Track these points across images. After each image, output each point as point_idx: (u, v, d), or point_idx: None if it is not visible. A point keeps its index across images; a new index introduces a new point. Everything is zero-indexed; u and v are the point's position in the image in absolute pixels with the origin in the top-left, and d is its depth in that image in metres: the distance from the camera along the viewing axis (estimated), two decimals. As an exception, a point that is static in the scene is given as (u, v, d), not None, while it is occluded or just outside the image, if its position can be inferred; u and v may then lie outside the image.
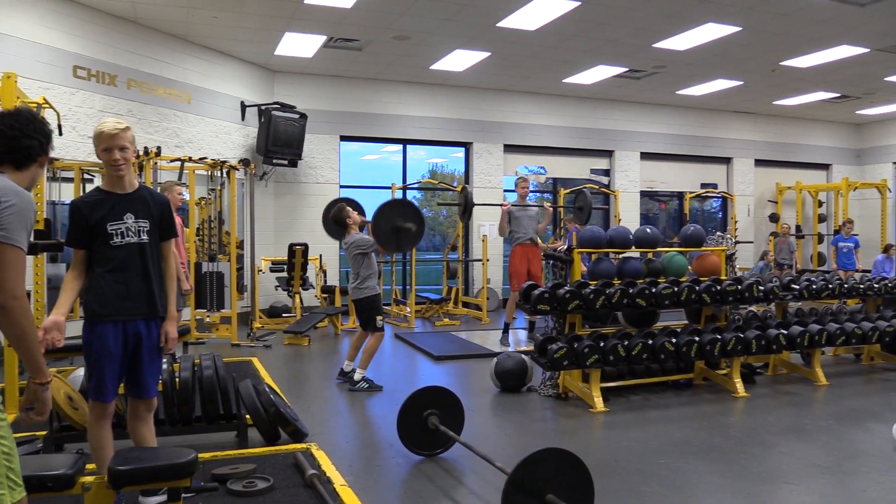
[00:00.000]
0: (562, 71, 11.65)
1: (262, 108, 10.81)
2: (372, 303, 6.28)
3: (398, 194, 12.02)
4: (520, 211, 8.46)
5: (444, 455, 4.40)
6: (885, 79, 12.09)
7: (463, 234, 12.37)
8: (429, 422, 4.32)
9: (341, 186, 12.13)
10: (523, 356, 6.30)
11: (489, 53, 10.53)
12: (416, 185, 13.16)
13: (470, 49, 10.34)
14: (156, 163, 7.99)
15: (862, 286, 7.22)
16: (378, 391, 6.19)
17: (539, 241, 8.68)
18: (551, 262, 6.40)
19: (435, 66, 11.27)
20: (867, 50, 10.24)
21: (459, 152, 13.31)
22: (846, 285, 7.10)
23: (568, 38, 9.70)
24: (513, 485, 3.00)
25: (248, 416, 4.54)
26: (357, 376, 6.23)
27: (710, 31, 9.38)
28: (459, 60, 10.90)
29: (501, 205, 8.67)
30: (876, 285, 7.28)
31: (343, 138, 12.18)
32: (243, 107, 10.83)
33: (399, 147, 12.84)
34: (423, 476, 4.10)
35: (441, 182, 13.20)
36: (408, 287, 11.46)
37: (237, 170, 8.96)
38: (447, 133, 12.82)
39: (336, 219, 6.45)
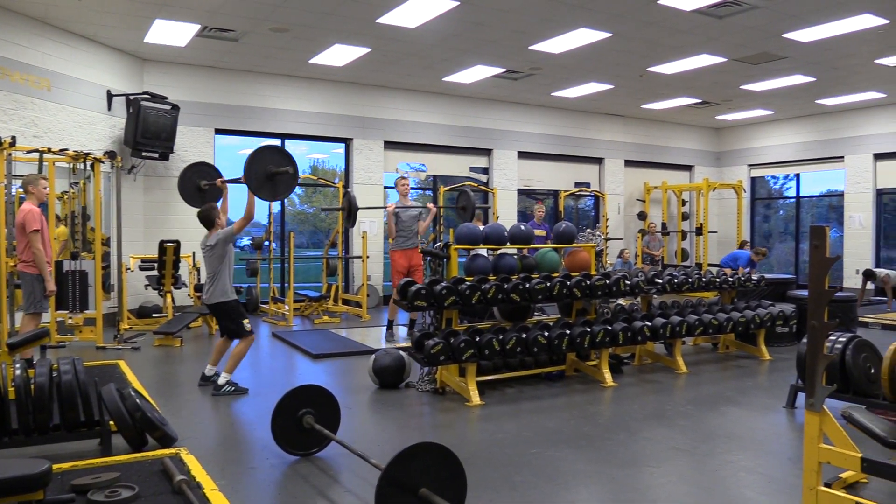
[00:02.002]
0: (442, 69, 11.76)
1: (131, 97, 10.28)
2: (235, 309, 6.06)
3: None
4: (403, 211, 8.57)
5: (320, 454, 4.37)
6: (741, 87, 12.96)
7: (343, 230, 12.27)
8: (304, 421, 4.27)
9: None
10: (401, 352, 6.34)
11: (369, 49, 10.49)
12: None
13: (350, 44, 10.26)
14: (10, 154, 7.43)
15: (718, 280, 7.74)
16: (244, 394, 6.01)
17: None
18: (429, 258, 6.46)
19: (314, 60, 11.10)
20: (725, 59, 10.94)
21: (340, 148, 13.19)
22: (704, 279, 7.58)
23: (448, 37, 9.81)
24: (386, 480, 3.01)
25: (112, 423, 4.32)
26: (221, 380, 5.99)
27: (583, 36, 9.74)
28: (339, 55, 10.79)
29: (385, 207, 8.74)
30: (730, 279, 7.82)
31: (218, 131, 11.78)
32: (110, 96, 10.26)
33: (277, 142, 12.56)
34: (298, 476, 4.05)
35: (321, 178, 13.02)
36: (286, 284, 11.25)
37: (102, 162, 8.48)
38: (327, 128, 12.66)
39: (205, 217, 6.12)
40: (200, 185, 7.75)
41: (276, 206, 11.83)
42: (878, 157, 14.85)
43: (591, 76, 12.24)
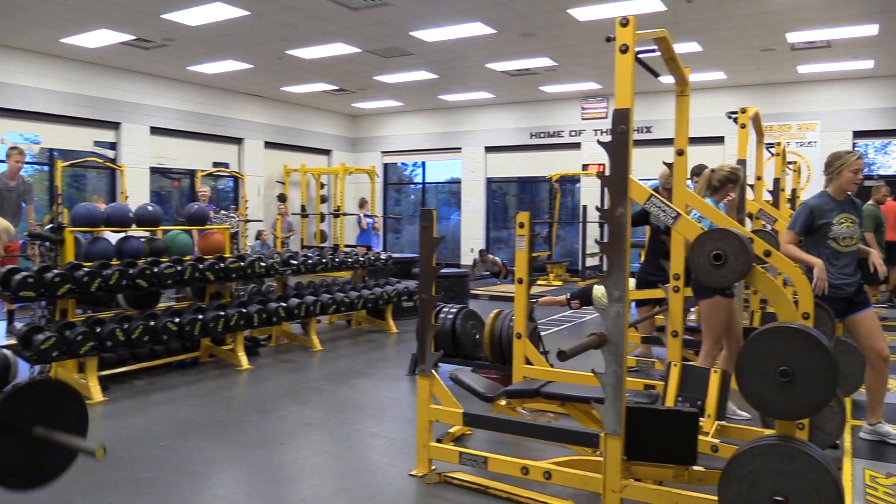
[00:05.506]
0: (60, 29, 10.42)
1: None
2: None
3: None
4: (6, 191, 7.47)
5: None
6: (374, 77, 13.74)
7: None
8: None
9: None
10: (4, 351, 5.54)
11: (-38, -3, 8.90)
12: None
13: (-67, -13, 8.59)
14: None
15: (350, 260, 8.14)
16: None
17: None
18: (37, 242, 5.74)
19: None
20: (359, 50, 11.47)
21: (-77, 111, 11.01)
22: (337, 259, 7.92)
23: (63, -7, 8.75)
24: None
25: None
26: None
27: (220, 11, 9.40)
28: (-82, -1, 8.96)
29: None
30: (361, 258, 8.29)
31: None
32: None
33: None
34: None
35: None
36: None
37: None
38: None
39: None
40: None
41: None
42: (489, 149, 16.95)
43: (228, 53, 11.91)
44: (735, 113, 5.49)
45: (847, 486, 3.62)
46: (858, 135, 13.08)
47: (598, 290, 6.65)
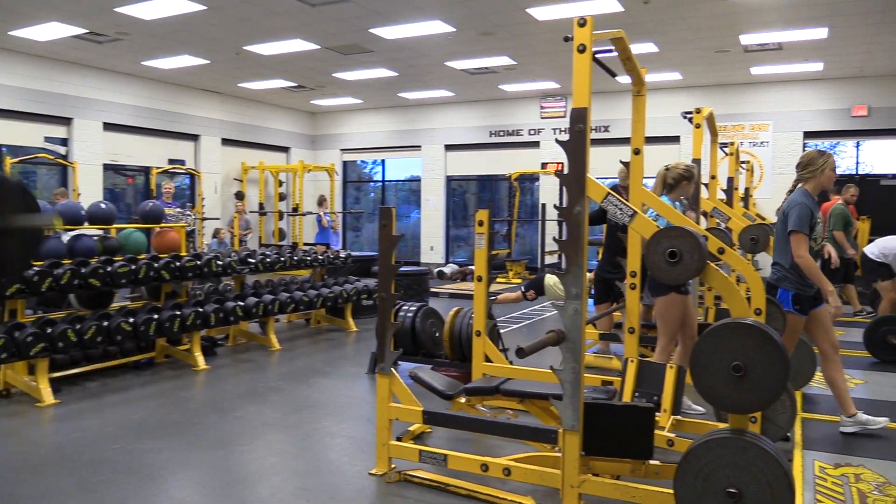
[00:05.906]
0: (8, 22, 10.11)
1: None
2: None
3: None
4: None
5: None
6: (333, 74, 13.63)
7: None
8: None
9: None
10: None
11: None
12: None
13: None
14: None
15: (309, 258, 8.08)
16: None
17: None
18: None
19: None
20: (318, 47, 11.37)
21: None
22: (296, 258, 7.85)
23: (10, -16, 8.50)
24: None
25: None
26: None
27: (175, 5, 9.23)
28: None
29: None
30: (320, 257, 8.23)
31: None
32: None
33: None
34: None
35: None
36: None
37: None
38: None
39: None
40: None
41: None
42: (448, 147, 16.96)
43: (184, 48, 11.70)
44: (690, 113, 5.59)
45: (798, 478, 3.72)
46: (809, 135, 13.42)
47: (550, 279, 6.72)
